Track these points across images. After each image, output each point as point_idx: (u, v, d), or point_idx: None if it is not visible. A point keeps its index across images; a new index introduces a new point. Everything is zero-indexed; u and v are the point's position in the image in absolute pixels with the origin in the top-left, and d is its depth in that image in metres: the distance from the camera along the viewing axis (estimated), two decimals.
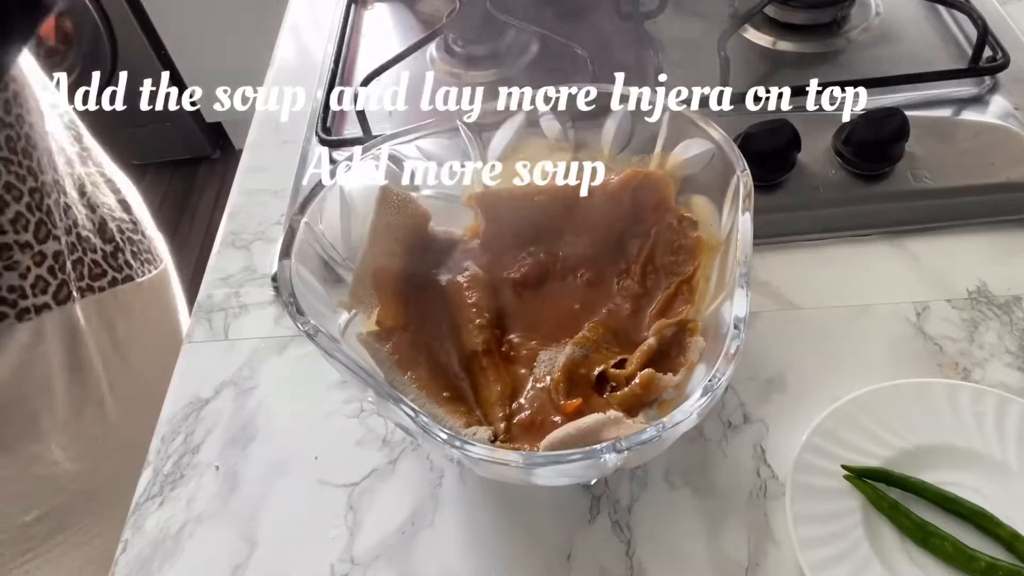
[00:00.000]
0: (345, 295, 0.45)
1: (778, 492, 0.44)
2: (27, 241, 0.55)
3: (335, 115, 0.69)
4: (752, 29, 0.69)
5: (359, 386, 0.38)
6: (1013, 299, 0.50)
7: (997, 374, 0.47)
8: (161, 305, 0.71)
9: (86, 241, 0.61)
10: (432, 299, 0.48)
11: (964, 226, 0.54)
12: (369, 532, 0.45)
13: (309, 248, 0.44)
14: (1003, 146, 0.56)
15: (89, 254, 0.61)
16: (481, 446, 0.35)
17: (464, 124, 0.49)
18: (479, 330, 0.45)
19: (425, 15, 0.80)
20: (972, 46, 0.61)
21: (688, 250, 0.47)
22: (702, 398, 0.34)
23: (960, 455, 0.42)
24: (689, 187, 0.48)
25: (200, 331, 0.57)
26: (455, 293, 0.47)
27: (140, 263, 0.67)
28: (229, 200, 0.67)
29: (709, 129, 0.45)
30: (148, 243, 0.70)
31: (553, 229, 0.50)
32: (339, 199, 0.46)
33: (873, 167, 0.55)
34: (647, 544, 0.43)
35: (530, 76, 0.70)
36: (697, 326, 0.43)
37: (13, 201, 0.53)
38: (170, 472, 0.50)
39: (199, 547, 0.46)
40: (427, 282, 0.48)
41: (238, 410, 0.52)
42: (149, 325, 0.69)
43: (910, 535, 0.40)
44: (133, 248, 0.67)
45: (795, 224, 0.55)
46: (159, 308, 0.71)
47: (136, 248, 0.67)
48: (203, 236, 2.00)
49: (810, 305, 0.52)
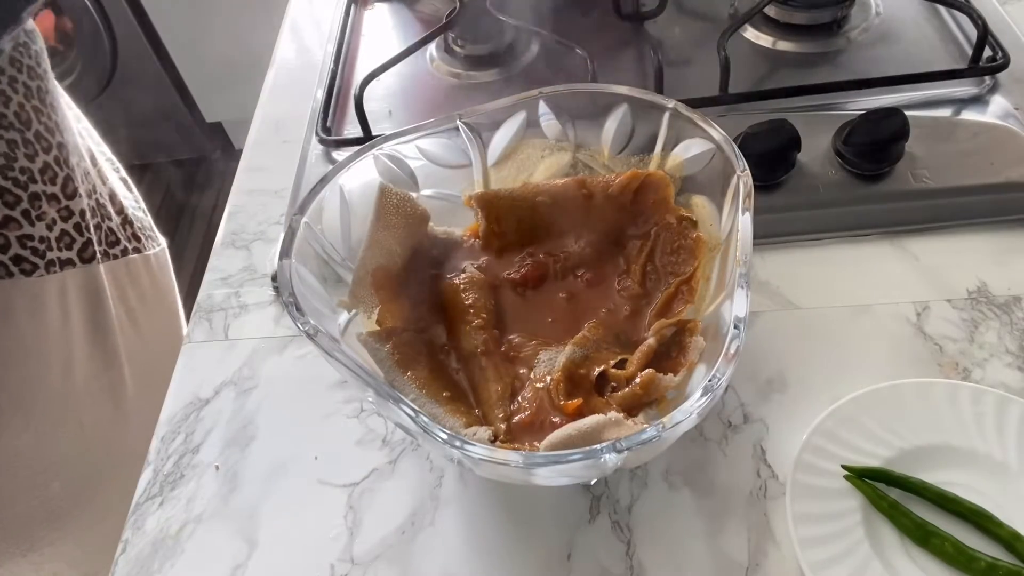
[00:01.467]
0: (345, 295, 0.45)
1: (778, 492, 0.44)
2: (54, 194, 0.55)
3: (335, 115, 0.69)
4: (752, 29, 0.69)
5: (359, 386, 0.38)
6: (1013, 299, 0.50)
7: (997, 374, 0.47)
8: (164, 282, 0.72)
9: (102, 208, 0.61)
10: (432, 299, 0.48)
11: (964, 226, 0.54)
12: (369, 532, 0.45)
13: (309, 248, 0.44)
14: (1003, 146, 0.56)
15: (106, 221, 0.62)
16: (481, 446, 0.35)
17: (464, 124, 0.49)
18: (477, 331, 0.45)
19: (425, 15, 0.80)
20: (972, 46, 0.61)
21: (688, 250, 0.47)
22: (702, 398, 0.34)
23: (960, 455, 0.42)
24: (689, 187, 0.48)
25: (200, 331, 0.57)
26: (454, 294, 0.47)
27: (145, 238, 0.68)
28: (229, 200, 0.67)
29: (709, 129, 0.45)
30: (150, 221, 0.71)
31: (553, 229, 0.50)
32: (339, 199, 0.46)
33: (873, 167, 0.55)
34: (647, 544, 0.43)
35: (530, 76, 0.70)
36: (697, 326, 0.43)
37: (42, 152, 0.54)
38: (170, 472, 0.50)
39: (199, 547, 0.46)
40: (427, 282, 0.48)
41: (238, 410, 0.52)
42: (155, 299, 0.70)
43: (910, 535, 0.40)
44: (139, 224, 0.68)
45: (795, 224, 0.55)
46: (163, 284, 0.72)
47: (141, 224, 0.68)
48: (203, 236, 2.00)
49: (810, 305, 0.52)
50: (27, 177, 0.53)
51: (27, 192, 0.53)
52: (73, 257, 0.57)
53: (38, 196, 0.54)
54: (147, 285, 0.68)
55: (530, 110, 0.50)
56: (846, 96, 0.61)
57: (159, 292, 0.71)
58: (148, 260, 0.68)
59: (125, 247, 0.64)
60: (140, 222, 0.69)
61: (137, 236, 0.66)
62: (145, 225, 0.69)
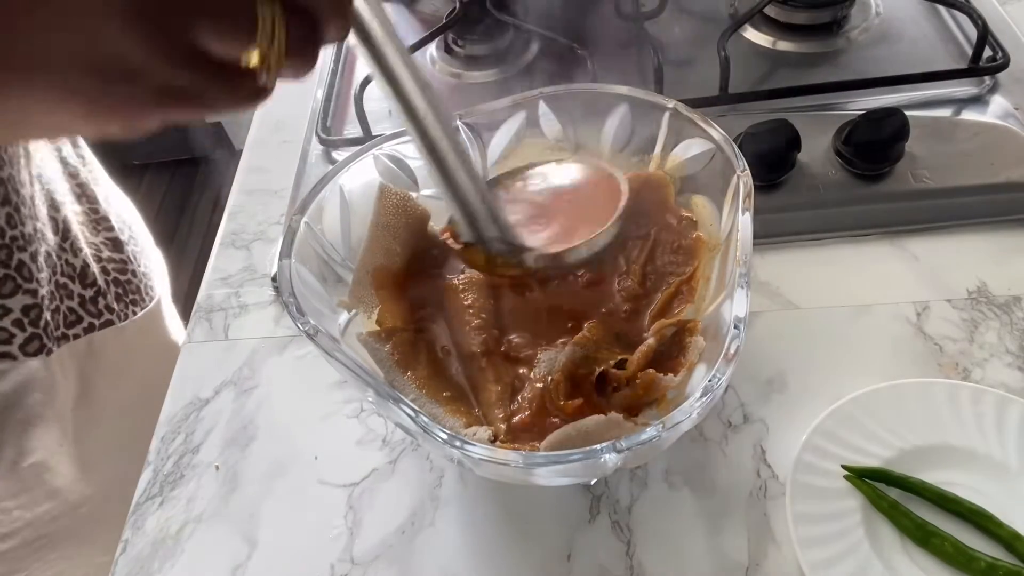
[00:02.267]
0: (345, 295, 0.45)
1: (778, 492, 0.44)
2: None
3: (335, 115, 0.69)
4: (752, 29, 0.69)
5: (359, 386, 0.38)
6: (1013, 299, 0.50)
7: (997, 374, 0.47)
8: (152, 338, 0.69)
9: (63, 288, 0.58)
10: (432, 299, 0.48)
11: (964, 226, 0.54)
12: (369, 532, 0.45)
13: (309, 248, 0.44)
14: (1003, 146, 0.56)
15: (66, 301, 0.58)
16: (481, 446, 0.35)
17: (464, 124, 0.49)
18: (477, 331, 0.45)
19: (425, 15, 0.80)
20: (972, 46, 0.61)
21: (688, 250, 0.47)
22: (702, 398, 0.34)
23: (960, 455, 0.42)
24: (689, 187, 0.48)
25: (200, 331, 0.57)
26: (454, 294, 0.47)
27: (124, 304, 0.64)
28: (229, 200, 0.67)
29: (709, 129, 0.45)
30: (138, 281, 0.66)
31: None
32: (339, 199, 0.46)
33: (873, 167, 0.55)
34: (647, 544, 0.43)
35: (530, 76, 0.70)
36: (697, 326, 0.43)
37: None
38: (170, 472, 0.50)
39: (199, 547, 0.46)
40: (427, 282, 0.48)
41: (238, 410, 0.52)
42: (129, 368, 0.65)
43: (910, 535, 0.40)
44: (118, 290, 0.63)
45: (795, 224, 0.55)
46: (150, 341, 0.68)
47: (122, 289, 0.64)
48: (203, 236, 2.00)
49: (810, 305, 0.52)
50: None
51: None
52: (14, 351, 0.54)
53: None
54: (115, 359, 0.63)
55: (530, 110, 0.50)
56: (846, 96, 0.61)
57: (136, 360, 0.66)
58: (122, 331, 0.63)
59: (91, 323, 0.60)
60: (123, 287, 0.64)
61: (111, 307, 0.62)
62: (129, 289, 0.65)
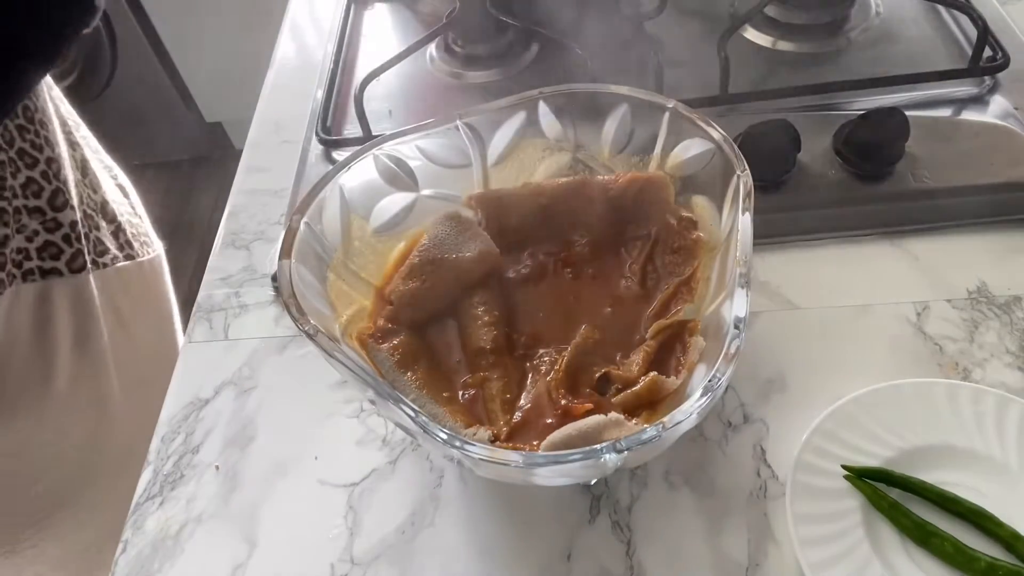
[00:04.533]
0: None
1: (778, 492, 0.44)
2: (38, 207, 0.56)
3: (335, 115, 0.69)
4: (752, 29, 0.69)
5: (359, 386, 0.38)
6: (1013, 299, 0.50)
7: (997, 374, 0.47)
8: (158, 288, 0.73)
9: (90, 219, 0.62)
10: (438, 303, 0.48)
11: (964, 226, 0.54)
12: (369, 532, 0.45)
13: (309, 248, 0.44)
14: (1003, 146, 0.56)
15: (94, 231, 0.62)
16: (481, 446, 0.35)
17: (464, 124, 0.49)
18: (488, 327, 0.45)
19: (425, 15, 0.80)
20: (972, 46, 0.61)
21: (688, 250, 0.47)
22: (702, 398, 0.34)
23: (960, 455, 0.42)
24: (689, 187, 0.48)
25: (200, 331, 0.57)
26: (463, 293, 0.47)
27: (140, 244, 0.69)
28: (229, 200, 0.67)
29: (709, 129, 0.45)
30: (145, 227, 0.72)
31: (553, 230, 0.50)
32: (339, 199, 0.46)
33: (873, 167, 0.55)
34: (647, 544, 0.43)
35: (530, 76, 0.70)
36: (697, 326, 0.43)
37: (25, 168, 0.55)
38: (170, 472, 0.50)
39: (199, 547, 0.46)
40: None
41: (238, 410, 0.52)
42: (148, 305, 0.70)
43: (910, 535, 0.40)
44: (132, 231, 0.68)
45: (795, 224, 0.55)
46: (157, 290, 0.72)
47: (135, 231, 0.69)
48: (203, 236, 2.00)
49: (810, 305, 0.52)
50: (11, 193, 0.54)
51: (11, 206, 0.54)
52: (60, 267, 0.58)
53: (19, 210, 0.55)
54: (138, 292, 0.68)
55: (530, 110, 0.50)
56: (846, 96, 0.61)
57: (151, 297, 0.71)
58: (141, 267, 0.68)
59: (115, 255, 0.65)
60: (135, 228, 0.69)
61: (130, 243, 0.67)
62: (140, 231, 0.70)
